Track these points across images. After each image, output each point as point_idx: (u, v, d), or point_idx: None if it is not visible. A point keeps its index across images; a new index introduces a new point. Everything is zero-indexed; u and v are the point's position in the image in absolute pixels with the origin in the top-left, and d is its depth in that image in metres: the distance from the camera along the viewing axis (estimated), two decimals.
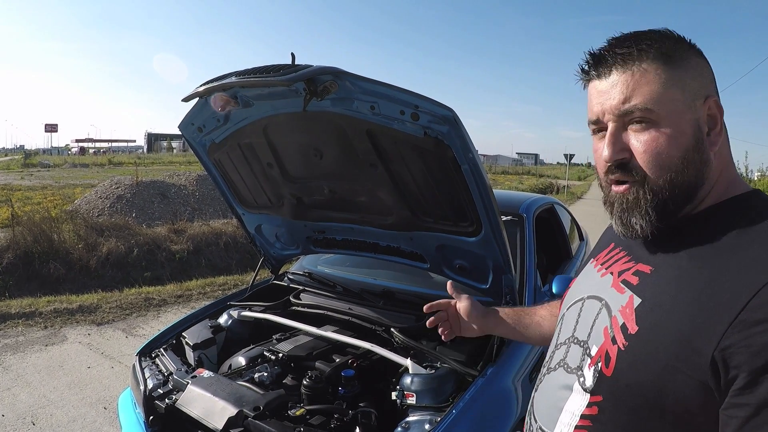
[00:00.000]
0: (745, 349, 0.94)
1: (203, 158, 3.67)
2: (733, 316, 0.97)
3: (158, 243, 11.03)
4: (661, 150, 1.16)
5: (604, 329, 1.21)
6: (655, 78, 1.16)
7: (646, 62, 1.18)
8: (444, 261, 3.46)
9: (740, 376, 0.94)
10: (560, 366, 1.35)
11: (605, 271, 1.36)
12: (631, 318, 1.16)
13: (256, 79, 2.52)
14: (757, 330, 0.94)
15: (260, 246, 4.34)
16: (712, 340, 0.98)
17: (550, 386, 1.37)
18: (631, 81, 1.18)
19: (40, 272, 9.47)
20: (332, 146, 3.07)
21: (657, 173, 1.18)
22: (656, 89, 1.16)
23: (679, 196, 1.18)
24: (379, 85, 2.53)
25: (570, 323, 1.39)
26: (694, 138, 1.16)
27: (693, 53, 1.20)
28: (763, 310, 0.94)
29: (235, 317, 3.84)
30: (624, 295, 1.21)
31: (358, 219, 3.58)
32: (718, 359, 0.97)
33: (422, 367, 2.87)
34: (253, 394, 2.73)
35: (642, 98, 1.17)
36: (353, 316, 3.53)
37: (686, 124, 1.16)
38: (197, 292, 9.12)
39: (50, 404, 5.09)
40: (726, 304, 0.99)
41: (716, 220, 1.16)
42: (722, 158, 1.22)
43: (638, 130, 1.19)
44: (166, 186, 17.00)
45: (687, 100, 1.16)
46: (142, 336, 7.00)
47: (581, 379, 1.24)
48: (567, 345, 1.36)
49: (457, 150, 2.65)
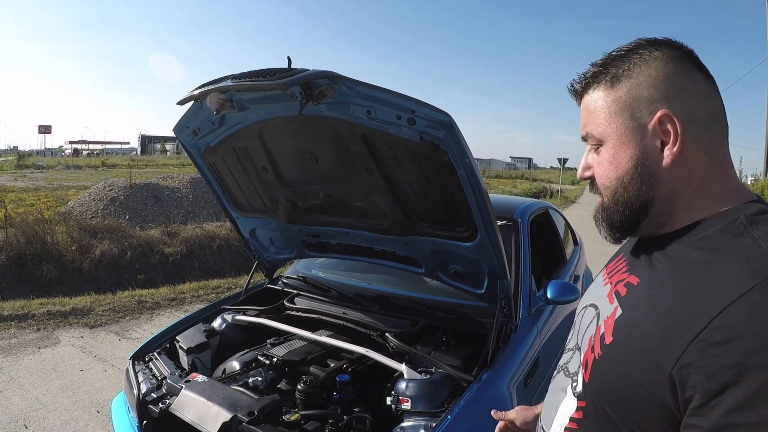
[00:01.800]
0: (702, 369, 0.93)
1: (198, 162, 3.67)
2: (693, 335, 0.95)
3: (151, 246, 11.00)
4: (604, 171, 1.25)
5: (590, 338, 1.25)
6: (602, 106, 1.23)
7: (597, 91, 1.25)
8: (439, 266, 3.45)
9: (695, 396, 0.93)
10: (562, 370, 1.40)
11: (607, 279, 1.37)
12: (609, 328, 1.17)
13: (252, 82, 2.52)
14: (714, 351, 0.92)
15: (254, 250, 4.33)
16: (671, 358, 0.98)
17: (553, 388, 1.43)
18: (585, 110, 1.28)
19: (32, 274, 9.43)
20: (328, 150, 3.06)
21: (605, 192, 1.27)
22: (601, 117, 1.24)
23: (626, 213, 1.24)
24: (375, 90, 2.52)
25: (576, 329, 1.41)
26: (633, 160, 1.20)
27: (651, 65, 1.19)
28: (723, 332, 0.92)
29: (229, 321, 3.83)
30: (612, 306, 1.22)
31: (353, 223, 3.57)
32: (676, 377, 0.96)
33: (417, 373, 2.86)
34: (248, 398, 2.72)
35: (590, 127, 1.26)
36: (348, 321, 3.52)
37: (625, 147, 1.20)
38: (190, 295, 9.10)
39: (43, 407, 5.07)
40: (689, 322, 0.98)
41: (696, 235, 1.15)
42: (695, 173, 1.18)
43: (594, 152, 1.29)
44: (160, 188, 16.95)
45: (631, 123, 1.19)
46: (135, 339, 6.99)
47: (574, 384, 1.27)
48: (572, 351, 1.38)
49: (454, 155, 2.64)
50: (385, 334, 3.27)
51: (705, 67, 1.21)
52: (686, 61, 1.19)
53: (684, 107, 1.15)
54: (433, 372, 2.89)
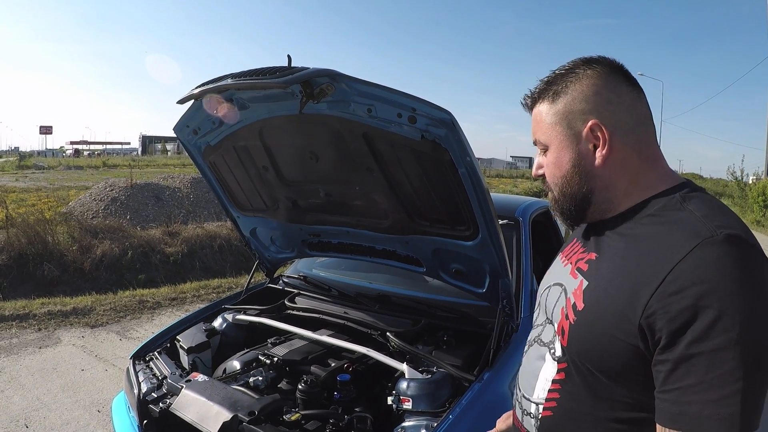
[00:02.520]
0: (664, 315, 1.15)
1: (198, 161, 3.66)
2: (653, 290, 1.18)
3: (152, 245, 11.00)
4: (551, 171, 1.52)
5: (561, 309, 1.46)
6: (545, 118, 1.50)
7: (542, 105, 1.51)
8: (440, 265, 3.44)
9: (662, 337, 1.16)
10: (536, 341, 1.60)
11: (566, 261, 1.61)
12: (579, 297, 1.39)
13: (251, 81, 2.51)
14: (672, 300, 1.15)
15: (255, 249, 4.32)
16: (638, 311, 1.20)
17: (529, 359, 1.62)
18: (534, 120, 1.56)
19: (34, 274, 9.44)
20: (328, 149, 3.05)
21: (554, 188, 1.54)
22: (544, 127, 1.50)
23: (573, 203, 1.50)
24: (376, 88, 2.51)
25: (542, 307, 1.64)
26: (572, 162, 1.46)
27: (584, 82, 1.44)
28: (676, 282, 1.15)
29: (229, 321, 3.82)
30: (576, 280, 1.46)
31: (354, 222, 3.56)
32: (644, 325, 1.19)
33: (418, 372, 2.85)
34: (248, 398, 2.71)
35: (538, 134, 1.54)
36: (349, 320, 3.51)
37: (565, 151, 1.47)
38: (191, 295, 9.11)
39: (44, 407, 5.06)
40: (648, 280, 1.21)
41: (640, 214, 1.39)
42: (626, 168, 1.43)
43: (543, 155, 1.56)
44: (161, 188, 16.93)
45: (568, 131, 1.46)
46: (136, 339, 6.99)
47: (552, 350, 1.48)
48: (542, 326, 1.60)
49: (455, 153, 2.63)
50: (386, 334, 3.26)
51: (633, 79, 1.47)
52: (614, 77, 1.44)
53: (611, 117, 1.41)
54: (435, 372, 2.87)
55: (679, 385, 1.14)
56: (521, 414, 1.60)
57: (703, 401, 1.11)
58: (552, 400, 1.46)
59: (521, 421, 1.60)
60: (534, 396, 1.53)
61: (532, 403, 1.53)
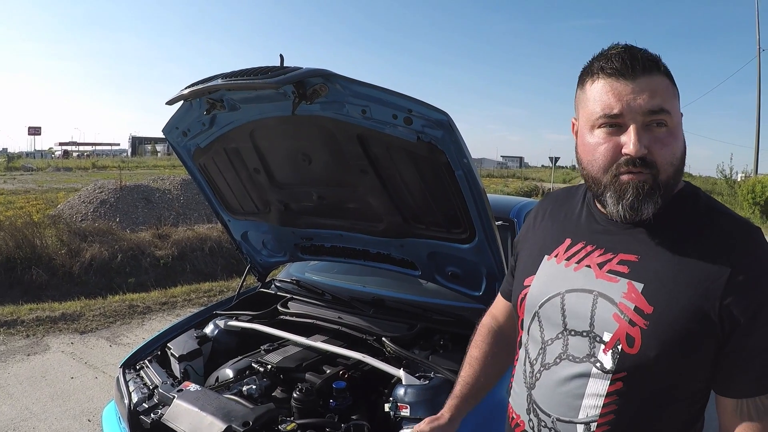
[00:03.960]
0: (740, 302, 1.31)
1: (188, 163, 3.60)
2: (724, 282, 1.32)
3: (142, 248, 10.92)
4: (673, 145, 1.40)
5: (614, 316, 1.41)
6: (669, 89, 1.41)
7: (662, 75, 1.40)
8: (436, 268, 3.40)
9: (741, 322, 1.31)
10: (563, 359, 1.50)
11: (577, 265, 1.54)
12: (640, 301, 1.39)
13: (243, 81, 2.46)
14: (743, 288, 1.31)
15: (246, 253, 4.26)
16: (715, 304, 1.32)
17: (557, 380, 1.51)
18: (657, 88, 1.38)
19: (22, 278, 9.35)
20: (321, 151, 3.00)
21: (668, 168, 1.40)
22: (670, 99, 1.40)
23: (672, 189, 1.45)
24: (371, 88, 2.46)
25: (554, 319, 1.54)
26: (684, 143, 1.44)
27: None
28: (744, 274, 1.32)
29: (221, 327, 3.74)
30: (618, 284, 1.43)
31: (348, 226, 3.50)
32: (724, 314, 1.32)
33: (416, 378, 2.79)
34: (242, 408, 2.64)
35: (665, 104, 1.38)
36: (343, 326, 3.45)
37: (681, 131, 1.44)
38: (182, 299, 9.02)
39: (33, 416, 4.98)
40: (716, 275, 1.33)
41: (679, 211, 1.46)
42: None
43: (659, 131, 1.39)
44: (151, 190, 16.84)
45: (678, 109, 1.44)
46: (126, 345, 6.91)
47: (598, 364, 1.43)
48: (561, 339, 1.51)
49: (452, 155, 2.59)
50: (382, 339, 3.21)
51: None
52: None
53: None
54: (432, 377, 2.82)
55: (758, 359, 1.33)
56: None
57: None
58: (609, 414, 1.42)
59: None
60: (581, 416, 1.45)
61: (578, 424, 1.46)
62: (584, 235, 1.58)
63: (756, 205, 27.60)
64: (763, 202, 27.37)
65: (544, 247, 1.68)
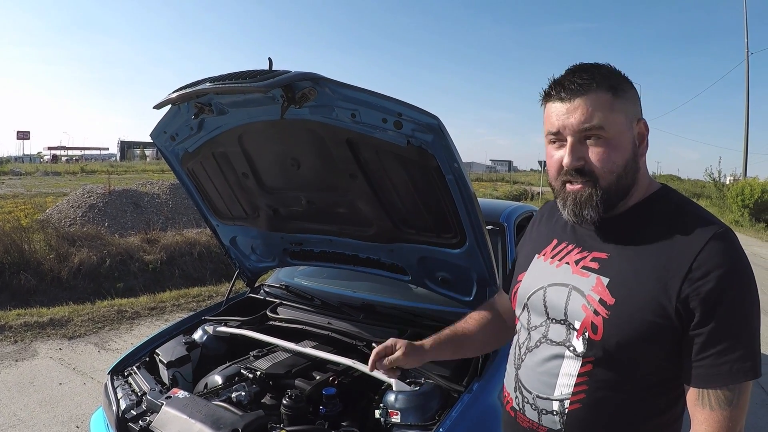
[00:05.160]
0: (696, 296, 1.42)
1: (176, 168, 3.57)
2: (683, 277, 1.44)
3: (131, 253, 10.87)
4: (610, 158, 1.57)
5: (582, 306, 1.59)
6: (606, 105, 1.55)
7: (599, 92, 1.56)
8: (426, 273, 3.38)
9: (696, 314, 1.43)
10: (543, 342, 1.70)
11: (558, 262, 1.74)
12: (605, 293, 1.55)
13: (231, 85, 2.43)
14: (700, 283, 1.42)
15: (235, 258, 4.24)
16: (673, 296, 1.45)
17: (537, 361, 1.71)
18: (589, 106, 1.56)
19: (10, 283, 9.29)
20: (310, 156, 2.99)
21: (608, 175, 1.58)
22: (606, 113, 1.55)
23: (620, 193, 1.60)
24: (360, 92, 2.44)
25: (539, 308, 1.74)
26: (632, 151, 1.60)
27: (629, 85, 1.62)
28: (702, 269, 1.43)
29: (210, 333, 3.71)
30: (589, 278, 1.61)
31: (337, 231, 3.48)
32: (681, 307, 1.44)
33: (406, 384, 2.77)
34: (231, 415, 2.62)
35: (597, 120, 1.55)
36: (333, 331, 3.42)
37: (626, 140, 1.59)
38: (171, 304, 8.96)
39: (21, 423, 4.93)
40: (676, 270, 1.46)
41: (648, 212, 1.61)
42: (644, 165, 1.66)
43: (593, 144, 1.58)
44: (139, 195, 16.80)
45: (627, 122, 1.58)
46: (114, 350, 6.86)
47: (571, 348, 1.61)
48: (544, 326, 1.71)
49: (442, 159, 2.57)
50: (372, 344, 3.19)
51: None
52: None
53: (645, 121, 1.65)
54: (423, 383, 2.80)
55: (712, 351, 1.43)
56: (537, 414, 1.71)
57: (732, 360, 1.41)
58: (580, 393, 1.60)
59: (538, 421, 1.71)
60: (556, 394, 1.65)
61: (554, 401, 1.65)
62: (568, 236, 1.77)
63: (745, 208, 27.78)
64: (752, 204, 27.57)
65: (536, 248, 1.89)
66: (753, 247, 19.49)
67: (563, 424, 1.64)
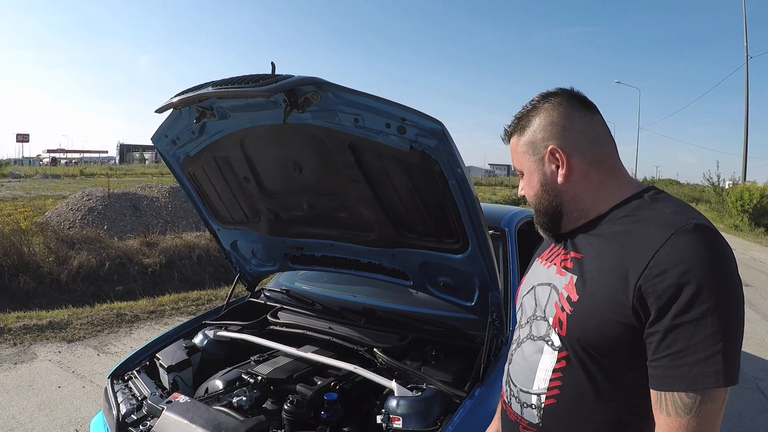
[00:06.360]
0: (653, 293, 1.39)
1: (177, 172, 3.56)
2: (640, 274, 1.41)
3: (130, 256, 10.85)
4: (527, 192, 1.81)
5: (555, 303, 1.65)
6: (517, 148, 1.79)
7: (514, 137, 1.80)
8: (428, 278, 3.37)
9: (652, 312, 1.39)
10: (528, 338, 1.76)
11: (549, 263, 1.81)
12: (572, 290, 1.60)
13: (233, 89, 2.43)
14: (657, 280, 1.38)
15: (236, 262, 4.23)
16: (629, 293, 1.43)
17: (522, 356, 1.77)
18: (511, 152, 1.84)
19: (9, 286, 9.27)
20: (312, 160, 2.98)
21: (532, 205, 1.82)
22: (517, 156, 1.80)
23: (545, 216, 1.76)
24: (363, 97, 2.43)
25: (529, 306, 1.81)
26: (539, 182, 1.74)
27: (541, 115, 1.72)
28: (659, 266, 1.39)
29: (210, 337, 3.70)
30: (565, 277, 1.66)
31: (339, 235, 3.47)
32: (637, 305, 1.41)
33: (408, 389, 2.76)
34: (232, 420, 2.60)
35: (514, 163, 1.84)
36: (334, 336, 3.42)
37: (534, 175, 1.75)
38: (170, 308, 8.94)
39: (20, 426, 4.92)
40: (634, 267, 1.44)
41: (613, 217, 1.63)
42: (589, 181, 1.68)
43: (521, 179, 1.84)
44: (139, 198, 16.76)
45: (534, 158, 1.73)
46: (114, 354, 6.84)
47: (550, 342, 1.65)
48: (530, 323, 1.77)
49: (445, 165, 2.56)
50: (373, 350, 3.18)
51: (588, 103, 1.73)
52: (566, 105, 1.70)
53: (566, 140, 1.67)
54: (425, 388, 2.79)
55: (668, 351, 1.37)
56: (520, 407, 1.75)
57: (691, 363, 1.34)
58: (554, 388, 1.63)
59: (520, 414, 1.75)
60: (534, 387, 1.68)
61: (533, 394, 1.69)
62: (559, 239, 1.83)
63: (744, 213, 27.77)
64: (752, 209, 27.56)
65: (539, 253, 1.98)
66: (752, 252, 19.48)
67: (540, 418, 1.67)
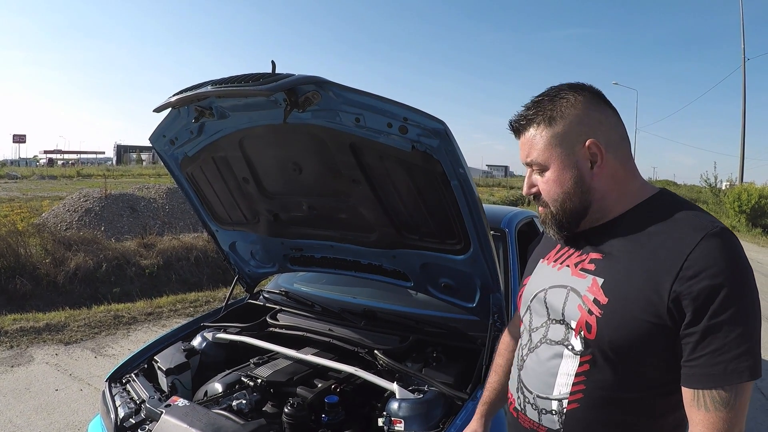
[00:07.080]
0: (688, 295, 1.41)
1: (175, 172, 3.54)
2: (674, 276, 1.43)
3: (127, 258, 10.83)
4: (551, 189, 1.69)
5: (578, 306, 1.62)
6: (542, 140, 1.67)
7: (534, 128, 1.68)
8: (429, 280, 3.35)
9: (688, 313, 1.41)
10: (543, 342, 1.74)
11: (559, 265, 1.79)
12: (599, 293, 1.58)
13: (233, 88, 2.40)
14: (692, 282, 1.40)
15: (234, 264, 4.20)
16: (664, 295, 1.44)
17: (538, 361, 1.75)
18: (527, 143, 1.71)
19: (6, 288, 9.23)
20: (312, 160, 2.95)
21: (552, 203, 1.71)
22: (541, 148, 1.67)
23: (570, 216, 1.69)
24: (365, 96, 2.41)
25: (540, 310, 1.79)
26: (573, 179, 1.65)
27: (577, 107, 1.64)
28: (692, 269, 1.41)
29: (209, 339, 3.66)
30: (586, 279, 1.64)
31: (339, 236, 3.45)
32: (672, 306, 1.43)
33: (409, 392, 2.73)
34: (232, 424, 2.56)
35: (534, 155, 1.69)
36: (334, 338, 3.39)
37: (567, 170, 1.65)
38: (168, 310, 8.90)
39: (17, 430, 4.89)
40: (667, 269, 1.45)
41: (639, 216, 1.63)
42: (616, 180, 1.66)
43: (537, 174, 1.73)
44: (136, 199, 16.72)
45: (566, 151, 1.64)
46: (111, 356, 6.81)
47: (570, 347, 1.63)
48: (545, 326, 1.75)
49: (447, 165, 2.54)
50: (374, 352, 3.15)
51: (609, 101, 1.70)
52: (598, 100, 1.67)
53: (603, 135, 1.64)
54: (426, 390, 2.77)
55: (706, 351, 1.41)
56: (537, 414, 1.73)
57: (727, 360, 1.39)
58: (578, 392, 1.62)
59: (538, 421, 1.73)
60: (554, 393, 1.67)
61: (553, 400, 1.68)
62: (569, 240, 1.79)
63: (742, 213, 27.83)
64: (749, 210, 27.62)
65: (542, 253, 1.96)
66: (750, 252, 19.47)
67: (562, 423, 1.66)
